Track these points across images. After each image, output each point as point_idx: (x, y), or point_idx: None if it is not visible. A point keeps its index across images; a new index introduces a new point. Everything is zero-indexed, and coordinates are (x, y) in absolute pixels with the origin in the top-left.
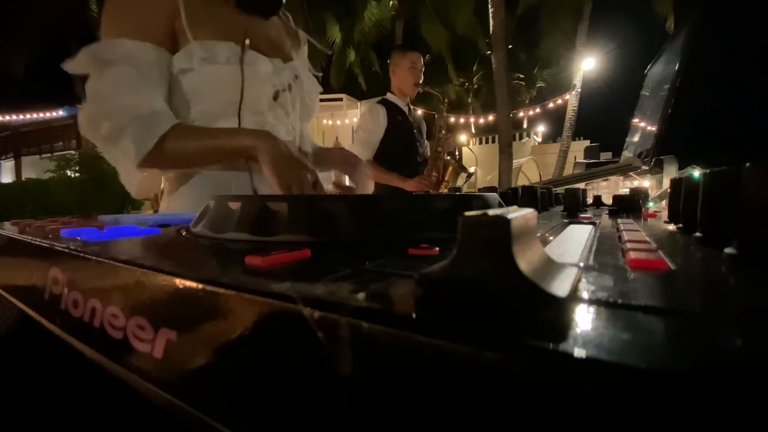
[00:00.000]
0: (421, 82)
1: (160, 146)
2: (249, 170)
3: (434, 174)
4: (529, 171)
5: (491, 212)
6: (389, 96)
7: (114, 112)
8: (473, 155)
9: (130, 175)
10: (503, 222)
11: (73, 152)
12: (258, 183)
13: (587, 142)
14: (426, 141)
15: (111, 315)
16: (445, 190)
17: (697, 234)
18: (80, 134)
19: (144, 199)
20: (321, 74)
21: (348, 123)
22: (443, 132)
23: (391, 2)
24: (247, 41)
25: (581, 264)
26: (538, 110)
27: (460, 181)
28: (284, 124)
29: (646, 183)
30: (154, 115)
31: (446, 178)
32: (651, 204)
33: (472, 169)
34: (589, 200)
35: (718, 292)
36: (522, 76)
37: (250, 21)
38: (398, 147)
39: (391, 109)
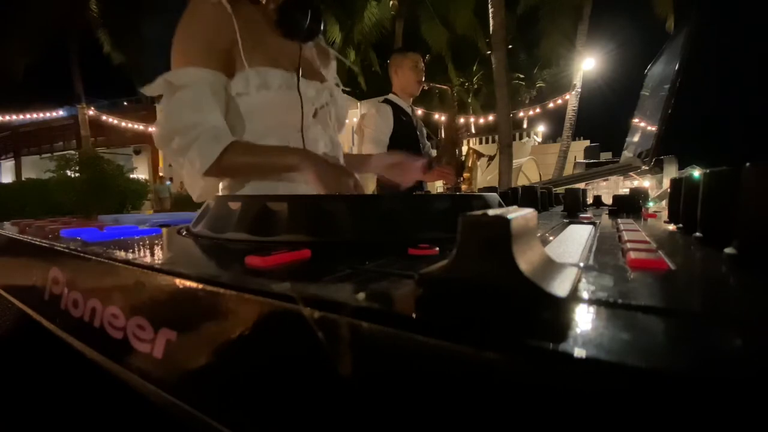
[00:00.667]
0: (423, 81)
1: (219, 159)
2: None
3: (452, 164)
4: (529, 171)
5: (491, 212)
6: (392, 97)
7: (183, 129)
8: (495, 146)
9: (194, 182)
10: (503, 222)
11: (73, 152)
12: (307, 191)
13: (587, 142)
14: (428, 142)
15: (111, 315)
16: (468, 176)
17: (697, 234)
18: (80, 134)
19: (199, 202)
20: (349, 89)
21: (348, 123)
22: (456, 121)
23: (391, 2)
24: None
25: (581, 264)
26: (538, 110)
27: (483, 167)
28: (322, 138)
29: (646, 183)
30: (215, 131)
31: (469, 164)
32: (651, 204)
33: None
34: (589, 200)
35: (718, 292)
36: (522, 76)
37: (291, 47)
38: (403, 147)
39: (396, 109)
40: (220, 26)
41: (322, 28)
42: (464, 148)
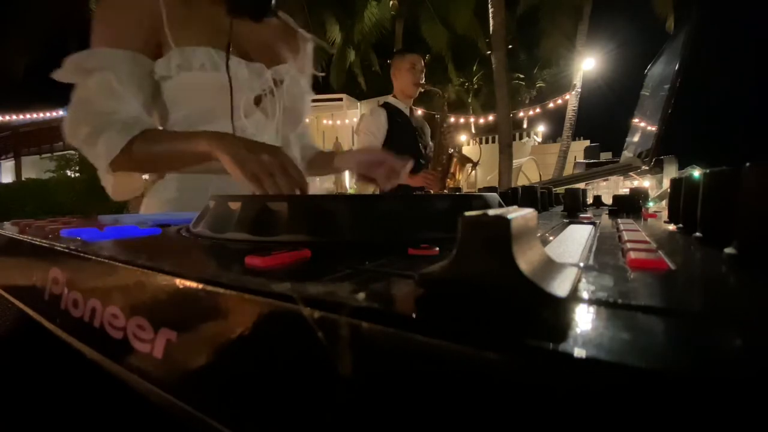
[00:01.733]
0: (422, 82)
1: (128, 149)
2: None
3: (438, 169)
4: (529, 171)
5: (491, 212)
6: (391, 99)
7: (92, 118)
8: (478, 150)
9: (104, 177)
10: (503, 222)
11: (73, 152)
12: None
13: (587, 142)
14: (430, 142)
15: (111, 315)
16: (452, 184)
17: (697, 234)
18: None
19: (122, 200)
20: (323, 74)
21: (348, 123)
22: (445, 126)
23: (391, 2)
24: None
25: (581, 264)
26: (538, 110)
27: (466, 173)
28: (266, 132)
29: (646, 183)
30: (127, 120)
31: (452, 170)
32: (651, 204)
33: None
34: (589, 200)
35: (718, 292)
36: (522, 76)
37: (239, 24)
38: (399, 149)
39: (392, 111)
40: (141, 2)
41: (274, 2)
42: (452, 150)
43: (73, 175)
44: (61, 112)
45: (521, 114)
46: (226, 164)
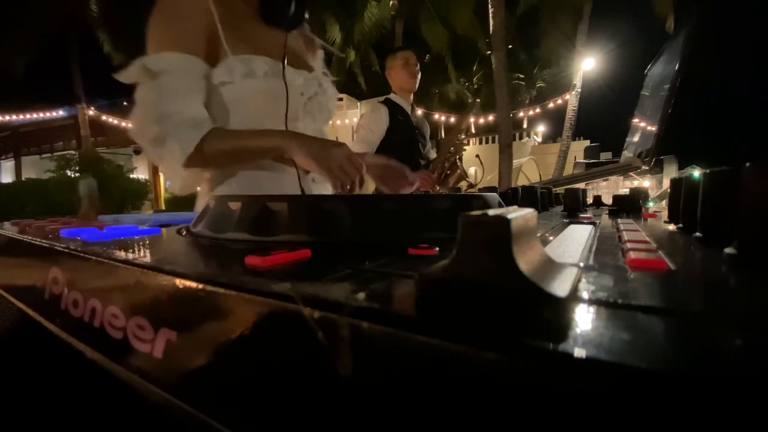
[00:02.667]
0: (418, 75)
1: (200, 147)
2: (297, 170)
3: (436, 171)
4: (529, 171)
5: (491, 212)
6: (392, 96)
7: (161, 118)
8: (478, 157)
9: (175, 174)
10: (503, 222)
11: (73, 152)
12: (293, 181)
13: (587, 142)
14: (428, 143)
15: (111, 315)
16: (442, 190)
17: (697, 234)
18: (80, 134)
19: (182, 195)
20: (337, 78)
21: (348, 123)
22: (461, 136)
23: (391, 2)
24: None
25: (581, 264)
26: (538, 110)
27: (462, 185)
28: (310, 130)
29: (646, 183)
30: (195, 120)
31: (451, 184)
32: (651, 204)
33: (472, 170)
34: (589, 200)
35: (718, 292)
36: (522, 76)
37: (277, 35)
38: (399, 147)
39: (393, 108)
40: (198, 13)
41: (306, 15)
42: (457, 161)
43: (73, 175)
44: (61, 112)
45: (521, 114)
46: (301, 158)
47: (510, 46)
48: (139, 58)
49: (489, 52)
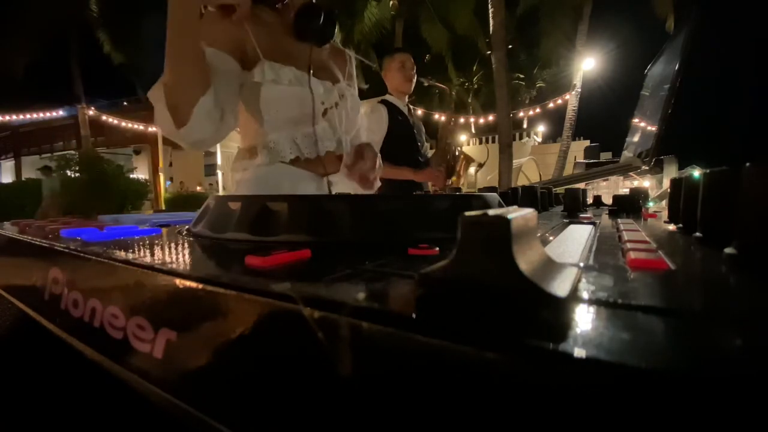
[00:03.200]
0: (414, 79)
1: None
2: (327, 182)
3: (443, 166)
4: (529, 171)
5: (491, 212)
6: (388, 97)
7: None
8: (486, 150)
9: (170, 130)
10: (503, 222)
11: (73, 152)
12: (323, 186)
13: (587, 142)
14: (425, 142)
15: (111, 315)
16: (457, 183)
17: (697, 234)
18: (80, 134)
19: (199, 149)
20: (366, 86)
21: None
22: (452, 123)
23: (391, 2)
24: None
25: (581, 264)
26: (538, 110)
27: (472, 170)
28: (329, 137)
29: (646, 183)
30: (202, 83)
31: (458, 169)
32: (651, 204)
33: (472, 170)
34: (589, 200)
35: (718, 292)
36: (522, 76)
37: (305, 49)
38: (400, 147)
39: (392, 109)
40: (234, 30)
41: (335, 31)
42: (459, 149)
43: (73, 175)
44: (61, 112)
45: (521, 114)
46: None
47: (510, 46)
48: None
49: (489, 52)
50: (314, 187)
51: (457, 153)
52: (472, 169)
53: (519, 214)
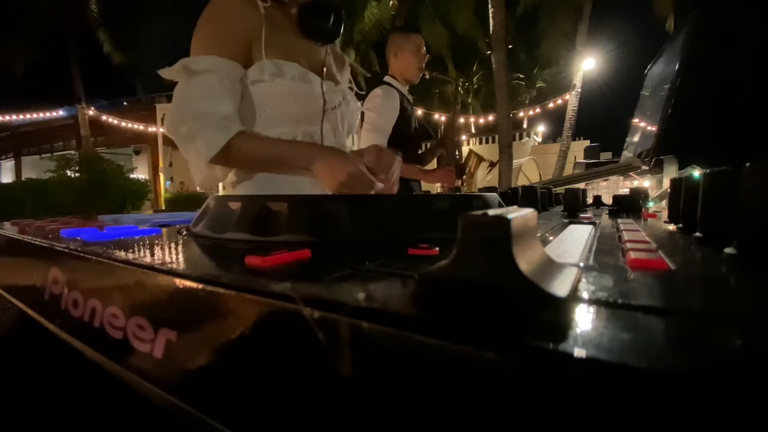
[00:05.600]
0: (424, 67)
1: (226, 148)
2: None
3: (452, 165)
4: (529, 171)
5: (491, 212)
6: (393, 82)
7: (191, 117)
8: (496, 149)
9: (198, 170)
10: (503, 222)
11: (73, 152)
12: (312, 184)
13: (587, 142)
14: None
15: (111, 315)
16: (469, 182)
17: (697, 234)
18: (80, 134)
19: (202, 191)
20: (363, 92)
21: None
22: (458, 120)
23: (391, 2)
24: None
25: (581, 264)
26: (538, 110)
27: (482, 171)
28: (332, 141)
29: (646, 183)
30: (224, 120)
31: (469, 168)
32: (651, 204)
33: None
34: (589, 200)
35: (718, 292)
36: (522, 76)
37: (310, 47)
38: (403, 138)
39: (401, 95)
40: (246, 19)
41: (341, 30)
42: (465, 150)
43: (73, 175)
44: (61, 112)
45: (521, 114)
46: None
47: (510, 46)
48: (183, 59)
49: (489, 52)
50: (313, 186)
51: (466, 150)
52: (480, 172)
53: (519, 214)
